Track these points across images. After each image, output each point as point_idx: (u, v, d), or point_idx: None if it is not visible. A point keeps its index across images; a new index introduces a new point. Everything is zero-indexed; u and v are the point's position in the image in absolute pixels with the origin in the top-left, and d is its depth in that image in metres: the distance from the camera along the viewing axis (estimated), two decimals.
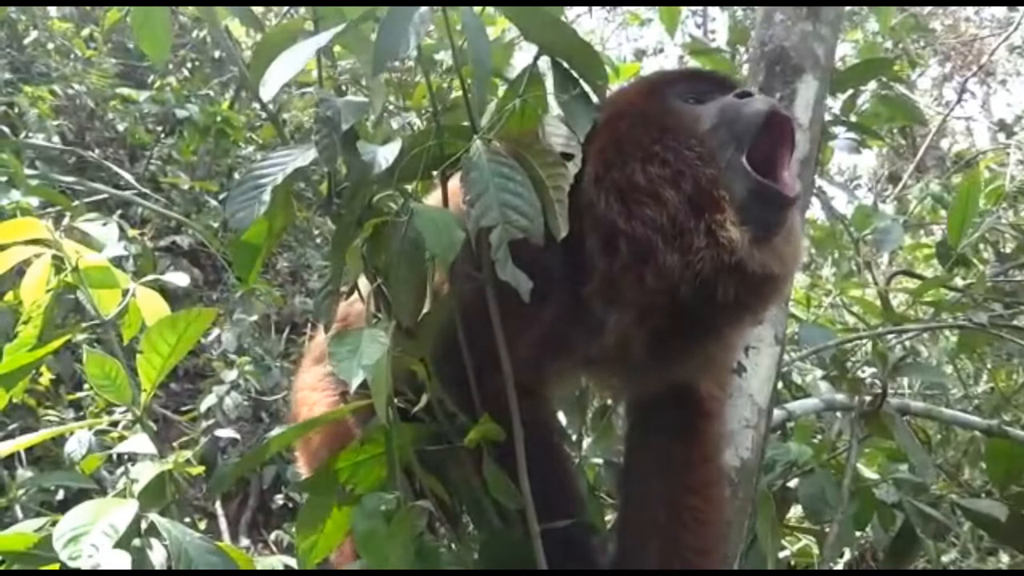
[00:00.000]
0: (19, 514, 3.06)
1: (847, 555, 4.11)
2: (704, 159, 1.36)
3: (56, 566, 1.31)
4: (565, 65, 1.41)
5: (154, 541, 1.37)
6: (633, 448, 1.70)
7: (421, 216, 1.26)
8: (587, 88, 1.43)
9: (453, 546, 1.60)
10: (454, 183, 1.36)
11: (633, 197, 1.35)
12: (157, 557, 1.37)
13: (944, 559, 4.02)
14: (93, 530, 1.25)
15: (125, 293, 1.79)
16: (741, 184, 1.35)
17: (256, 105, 5.80)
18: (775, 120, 1.38)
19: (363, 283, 1.41)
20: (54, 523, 1.29)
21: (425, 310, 1.34)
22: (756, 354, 1.81)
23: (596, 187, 1.37)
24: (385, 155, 1.31)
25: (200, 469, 1.63)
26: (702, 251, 1.32)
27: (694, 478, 1.60)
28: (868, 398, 2.38)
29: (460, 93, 1.40)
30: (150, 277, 1.81)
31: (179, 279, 1.90)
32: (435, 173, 1.40)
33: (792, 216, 1.41)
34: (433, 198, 1.45)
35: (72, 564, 1.20)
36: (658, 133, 1.39)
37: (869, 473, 2.55)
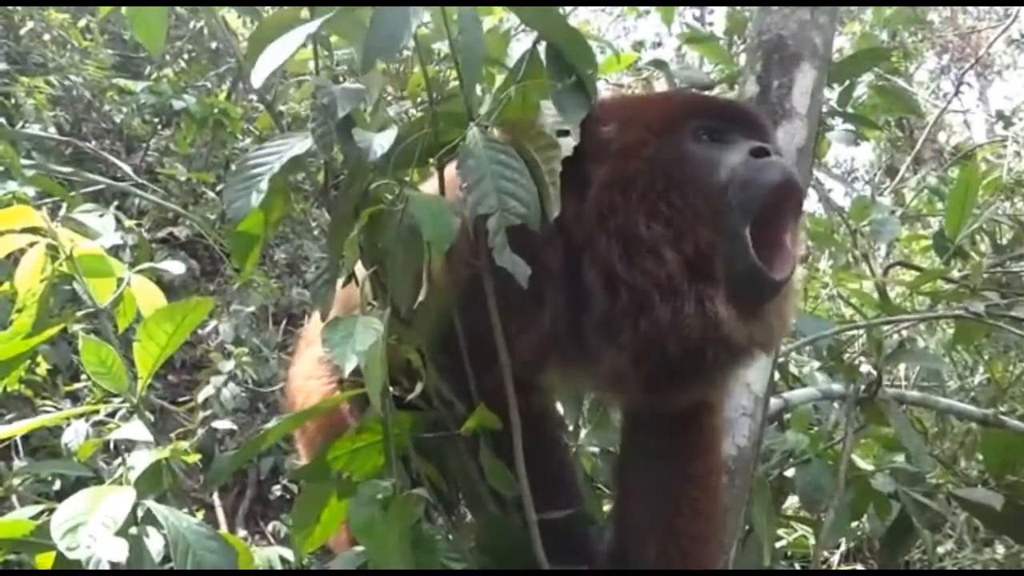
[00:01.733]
0: (16, 505, 3.06)
1: (843, 546, 4.13)
2: (707, 223, 1.35)
3: (53, 554, 1.31)
4: (559, 53, 1.40)
5: (151, 529, 1.37)
6: (630, 438, 1.69)
7: (417, 203, 1.26)
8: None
9: (450, 536, 1.60)
10: (451, 171, 1.36)
11: (635, 248, 1.34)
12: (155, 545, 1.36)
13: (940, 550, 4.04)
14: (91, 519, 1.25)
15: (120, 282, 1.78)
16: (738, 259, 1.34)
17: (253, 96, 5.80)
18: (788, 190, 1.37)
19: (360, 270, 1.40)
20: (51, 511, 1.29)
21: (421, 298, 1.34)
22: None
23: (599, 227, 1.36)
24: (381, 142, 1.31)
25: (196, 457, 1.62)
26: (690, 318, 1.32)
27: (692, 468, 1.60)
28: (864, 386, 2.38)
29: (457, 83, 1.40)
30: (145, 265, 1.80)
31: (174, 267, 1.90)
32: (432, 161, 1.40)
33: (786, 288, 1.41)
34: (430, 186, 1.45)
35: (70, 555, 1.20)
36: (665, 186, 1.37)
37: (865, 464, 2.56)
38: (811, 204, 6.34)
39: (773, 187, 1.35)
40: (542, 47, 1.42)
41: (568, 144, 1.33)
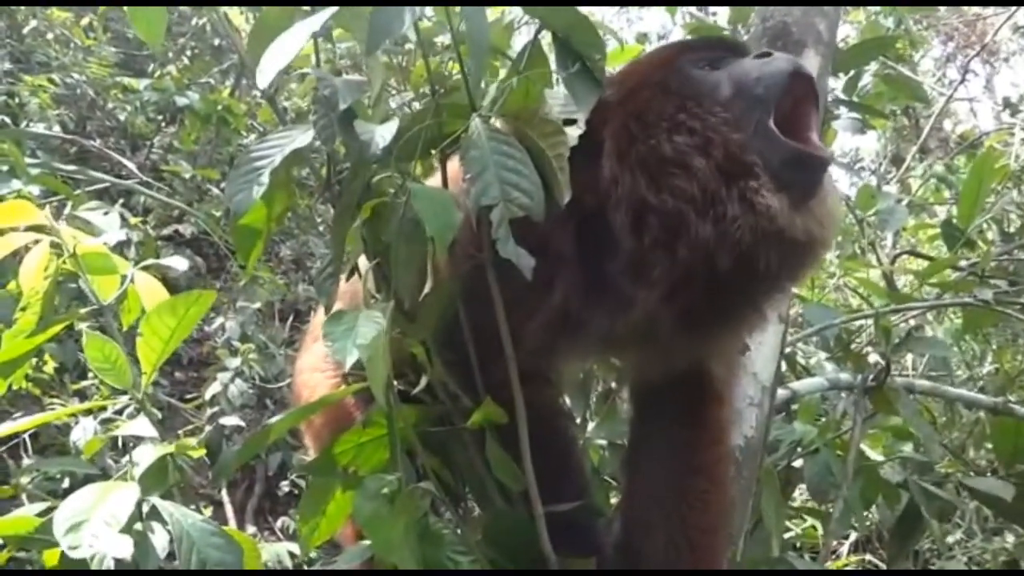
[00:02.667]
0: (25, 503, 3.07)
1: (852, 537, 4.12)
2: (731, 124, 1.32)
3: (59, 551, 1.31)
4: (566, 41, 1.38)
5: (156, 525, 1.37)
6: (639, 430, 1.68)
7: (419, 196, 1.25)
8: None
9: (458, 530, 1.59)
10: (454, 163, 1.35)
11: (661, 169, 1.31)
12: (159, 541, 1.36)
13: (949, 539, 4.03)
14: (93, 517, 1.24)
15: (124, 279, 1.78)
16: (772, 150, 1.31)
17: (257, 92, 5.79)
18: (798, 79, 1.35)
19: (363, 264, 1.40)
20: (57, 507, 1.29)
21: (426, 291, 1.34)
22: (760, 332, 1.79)
23: (620, 163, 1.34)
24: (383, 134, 1.30)
25: (202, 453, 1.62)
26: (739, 219, 1.28)
27: (701, 460, 1.59)
28: (872, 374, 2.37)
29: (460, 75, 1.39)
30: (148, 261, 1.80)
31: (177, 263, 1.89)
32: (434, 152, 1.39)
33: (826, 178, 1.37)
34: (433, 178, 1.44)
35: (72, 554, 1.19)
36: (681, 101, 1.35)
37: (874, 455, 2.55)
38: None
39: (782, 74, 1.33)
40: (544, 38, 1.41)
41: (574, 133, 1.33)
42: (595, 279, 1.40)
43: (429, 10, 2.15)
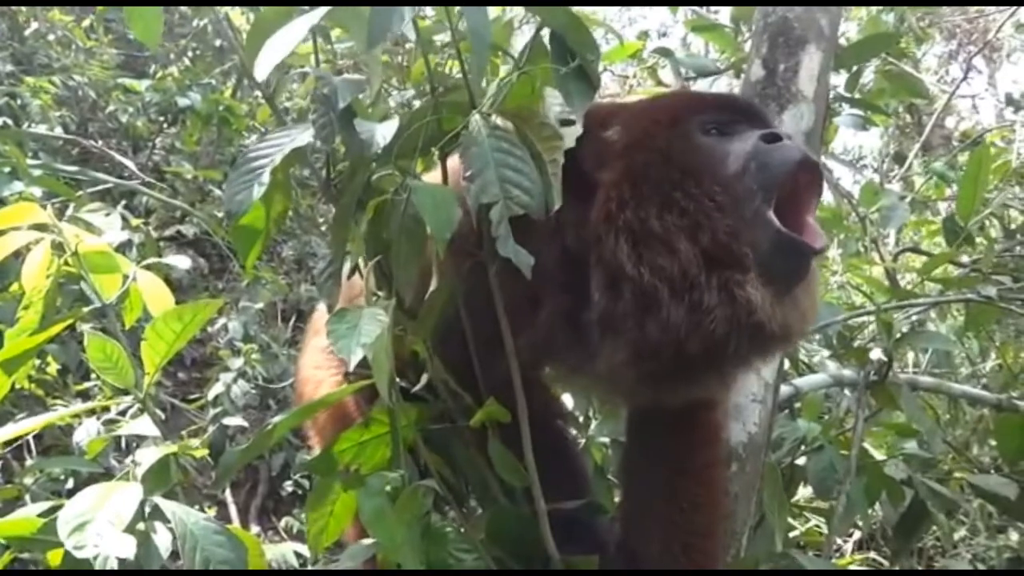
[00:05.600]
0: (29, 503, 3.07)
1: (856, 534, 4.12)
2: (726, 210, 1.30)
3: (63, 551, 1.31)
4: (562, 39, 1.38)
5: (159, 524, 1.36)
6: (633, 433, 1.68)
7: (419, 193, 1.25)
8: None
9: (461, 528, 1.59)
10: (454, 160, 1.35)
11: (646, 243, 1.29)
12: (163, 541, 1.36)
13: (954, 536, 4.02)
14: (97, 517, 1.24)
15: (126, 278, 1.78)
16: (765, 236, 1.29)
17: (258, 93, 5.79)
18: (805, 168, 1.33)
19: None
20: (60, 507, 1.29)
21: (432, 288, 1.34)
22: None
23: (607, 224, 1.32)
24: (383, 133, 1.30)
25: (204, 452, 1.62)
26: (714, 310, 1.27)
27: (692, 463, 1.59)
28: (874, 370, 2.36)
29: (460, 74, 1.38)
30: (150, 260, 1.80)
31: (180, 261, 1.89)
32: (434, 150, 1.39)
33: (815, 266, 1.37)
34: (433, 176, 1.44)
35: (77, 554, 1.19)
36: (679, 176, 1.33)
37: (879, 454, 2.54)
38: None
39: (790, 165, 1.31)
40: (545, 35, 1.40)
41: (571, 134, 1.32)
42: (571, 313, 1.39)
43: (430, 8, 2.15)
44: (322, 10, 1.28)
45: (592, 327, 1.36)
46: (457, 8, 1.33)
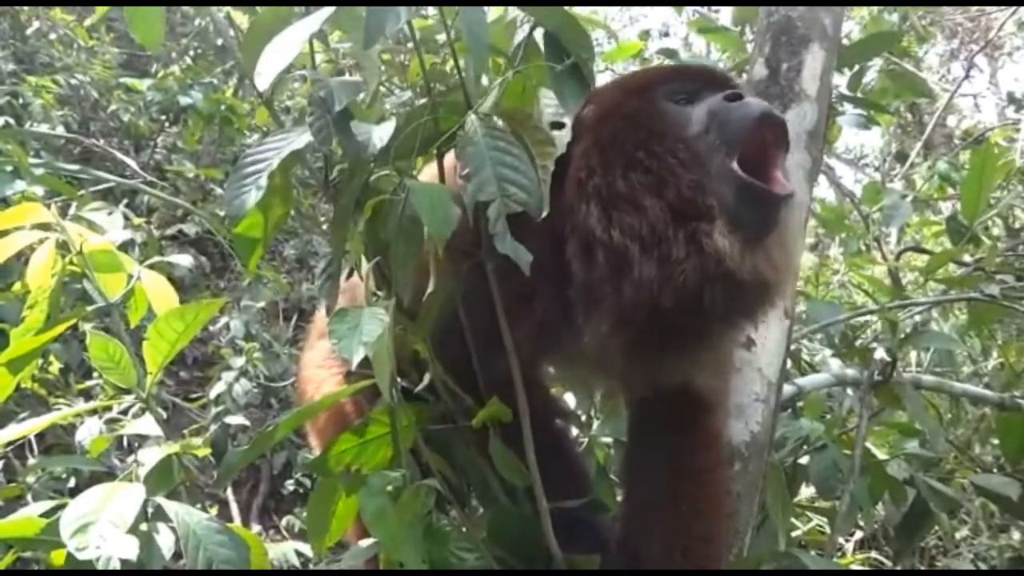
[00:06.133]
0: (31, 502, 3.07)
1: (858, 534, 4.11)
2: (689, 165, 1.32)
3: (64, 552, 1.31)
4: (556, 39, 1.38)
5: (161, 525, 1.36)
6: (634, 436, 1.68)
7: (416, 192, 1.25)
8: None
9: (463, 528, 1.59)
10: (450, 160, 1.35)
11: (613, 204, 1.31)
12: (165, 541, 1.36)
13: (956, 536, 4.02)
14: (100, 518, 1.24)
15: (130, 277, 1.78)
16: (729, 188, 1.30)
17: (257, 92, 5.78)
18: (768, 122, 1.34)
19: (365, 263, 1.40)
20: (63, 507, 1.29)
21: (429, 289, 1.34)
22: (765, 327, 1.78)
23: (578, 192, 1.34)
24: (380, 134, 1.30)
25: (207, 452, 1.62)
26: (683, 262, 1.28)
27: (691, 466, 1.58)
28: (878, 369, 2.36)
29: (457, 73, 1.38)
30: (155, 259, 1.80)
31: (182, 260, 1.89)
32: (432, 150, 1.38)
33: (787, 218, 1.36)
34: (429, 175, 1.44)
35: (80, 555, 1.19)
36: (643, 138, 1.35)
37: (881, 454, 2.54)
38: (822, 190, 6.31)
39: (751, 120, 1.32)
40: (539, 34, 1.40)
41: (563, 138, 1.33)
42: (562, 299, 1.40)
43: (431, 8, 2.15)
44: (323, 14, 1.27)
45: (576, 303, 1.38)
46: (454, 9, 1.32)
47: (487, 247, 1.28)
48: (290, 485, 4.99)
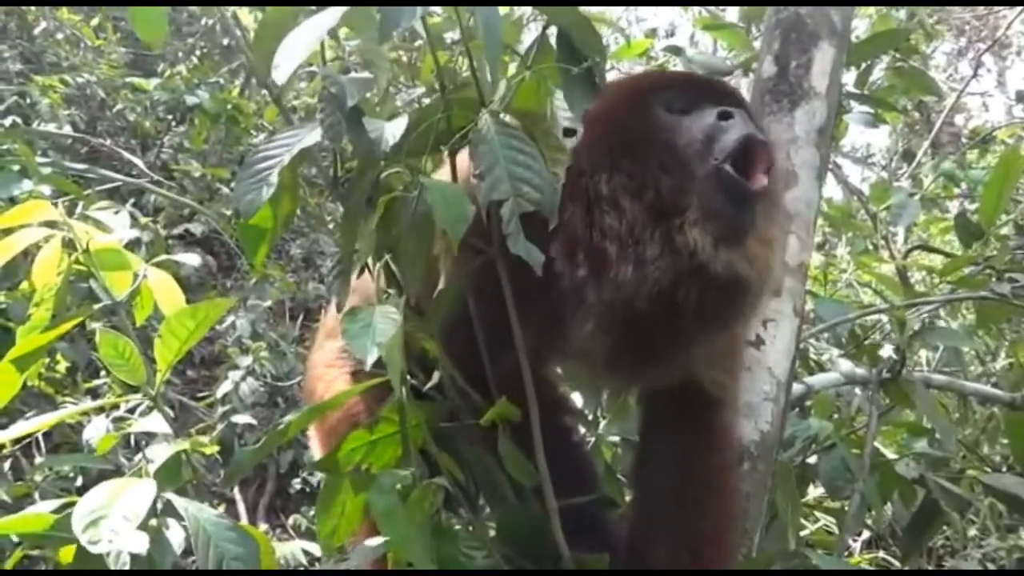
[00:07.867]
0: (39, 500, 3.07)
1: (866, 534, 4.10)
2: (672, 171, 1.33)
3: (73, 548, 1.31)
4: (568, 39, 1.37)
5: (171, 521, 1.36)
6: (644, 434, 1.68)
7: (430, 190, 1.24)
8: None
9: (471, 527, 1.59)
10: (463, 158, 1.34)
11: (595, 205, 1.33)
12: (175, 537, 1.36)
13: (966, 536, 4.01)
14: (112, 513, 1.24)
15: (136, 276, 1.78)
16: (709, 183, 1.31)
17: (266, 91, 5.80)
18: (752, 145, 1.34)
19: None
20: (72, 505, 1.29)
21: (440, 287, 1.33)
22: (775, 326, 1.78)
23: (566, 196, 1.34)
24: (392, 131, 1.29)
25: (215, 449, 1.62)
26: (657, 260, 1.29)
27: (699, 467, 1.57)
28: (887, 368, 2.35)
29: (470, 71, 1.38)
30: (161, 257, 1.80)
31: (189, 259, 1.89)
32: (444, 148, 1.38)
33: (766, 218, 1.38)
34: (442, 173, 1.43)
35: (93, 549, 1.20)
36: (631, 145, 1.37)
37: (890, 453, 2.53)
38: (830, 188, 6.29)
39: (736, 143, 1.32)
40: (552, 33, 1.40)
41: (571, 143, 1.33)
42: (558, 312, 1.40)
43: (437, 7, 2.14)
44: (338, 12, 1.26)
45: (566, 302, 1.38)
46: (468, 7, 1.32)
47: (499, 245, 1.28)
48: (297, 484, 4.99)
